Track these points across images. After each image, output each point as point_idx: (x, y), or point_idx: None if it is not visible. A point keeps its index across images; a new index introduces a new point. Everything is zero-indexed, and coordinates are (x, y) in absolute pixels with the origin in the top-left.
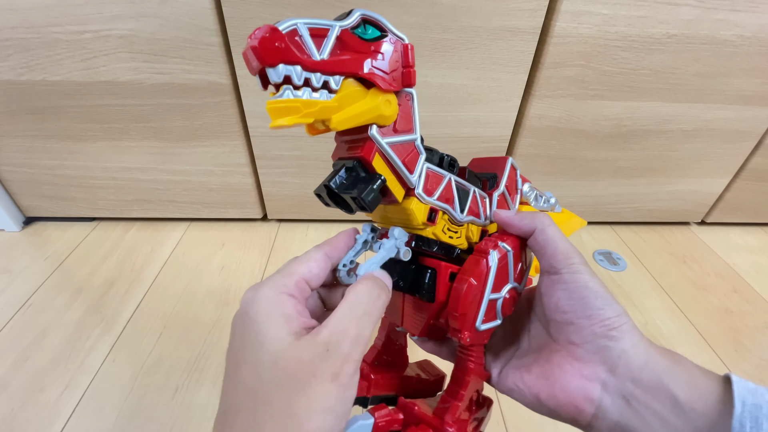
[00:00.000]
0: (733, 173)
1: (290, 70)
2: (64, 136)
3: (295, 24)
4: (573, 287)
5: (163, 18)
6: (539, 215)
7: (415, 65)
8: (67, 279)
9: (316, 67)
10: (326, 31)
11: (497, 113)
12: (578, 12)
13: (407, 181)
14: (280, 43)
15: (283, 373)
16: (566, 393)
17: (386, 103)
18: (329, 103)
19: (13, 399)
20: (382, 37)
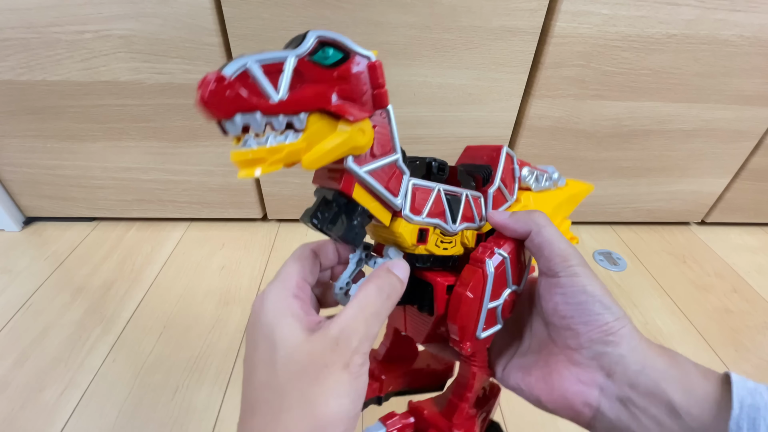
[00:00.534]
0: (733, 173)
1: (248, 118)
2: (64, 136)
3: (244, 65)
4: (570, 291)
5: (163, 18)
6: (534, 215)
7: (386, 83)
8: (67, 279)
9: (276, 109)
10: (281, 66)
11: (497, 113)
12: (578, 12)
13: (392, 205)
14: (231, 91)
15: (297, 366)
16: (565, 398)
17: (359, 132)
18: (297, 145)
19: (13, 399)
20: (345, 60)
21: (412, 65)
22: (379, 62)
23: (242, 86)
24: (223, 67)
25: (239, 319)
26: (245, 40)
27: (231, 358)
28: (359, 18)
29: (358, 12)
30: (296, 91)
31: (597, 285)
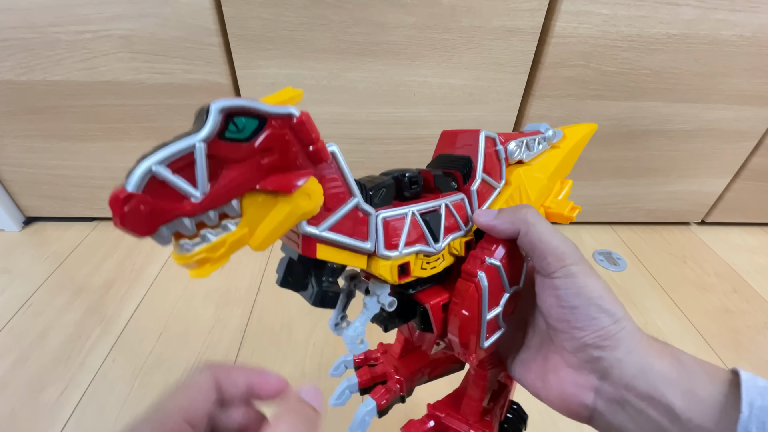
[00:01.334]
0: (733, 173)
1: (175, 226)
2: (64, 136)
3: (149, 171)
4: (565, 294)
5: (163, 18)
6: (522, 212)
7: (320, 135)
8: (67, 279)
9: (201, 207)
10: (190, 157)
11: (497, 113)
12: (578, 12)
13: (363, 251)
14: (144, 206)
15: None
16: (562, 399)
17: (304, 198)
18: (238, 233)
19: (13, 399)
20: (262, 127)
21: (412, 65)
22: (306, 115)
23: (155, 195)
24: (127, 181)
25: (239, 319)
26: (245, 40)
27: (231, 358)
28: (359, 18)
29: (358, 12)
30: (218, 181)
31: (594, 285)
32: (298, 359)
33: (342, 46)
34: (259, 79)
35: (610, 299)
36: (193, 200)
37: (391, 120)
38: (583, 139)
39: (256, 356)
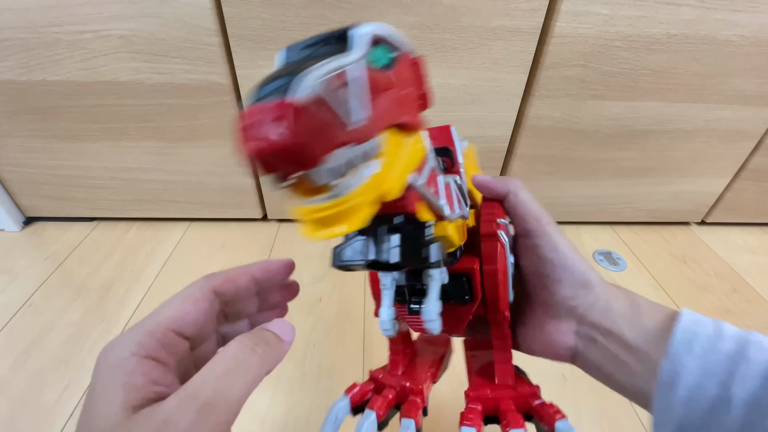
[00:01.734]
0: (733, 173)
1: (339, 156)
2: (64, 136)
3: (323, 78)
4: (542, 252)
5: (163, 18)
6: (511, 180)
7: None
8: (67, 279)
9: (364, 134)
10: (344, 76)
11: (497, 113)
12: (578, 12)
13: (439, 210)
14: (313, 121)
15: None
16: (549, 345)
17: (419, 139)
18: (383, 173)
19: (13, 399)
20: (396, 58)
21: None
22: (421, 56)
23: (317, 112)
24: (284, 89)
25: None
26: (245, 40)
27: None
28: (359, 18)
29: (358, 12)
30: (376, 106)
31: (566, 242)
32: (298, 359)
33: None
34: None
35: (579, 255)
36: (350, 127)
37: None
38: (472, 156)
39: None
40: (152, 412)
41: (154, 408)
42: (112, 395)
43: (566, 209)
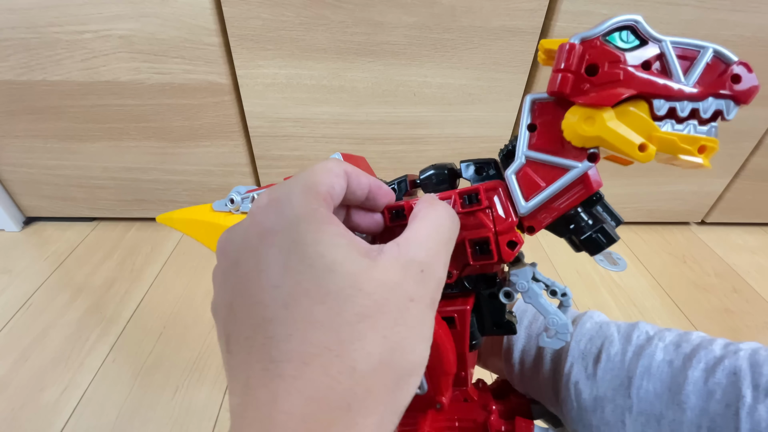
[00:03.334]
0: (733, 173)
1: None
2: (64, 136)
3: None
4: None
5: (163, 18)
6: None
7: None
8: (67, 279)
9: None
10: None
11: (497, 113)
12: (578, 12)
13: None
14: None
15: (371, 301)
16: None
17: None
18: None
19: (13, 399)
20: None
21: (412, 65)
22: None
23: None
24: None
25: None
26: (245, 40)
27: None
28: (359, 18)
29: (358, 12)
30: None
31: None
32: None
33: (342, 46)
34: (259, 79)
35: None
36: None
37: (391, 120)
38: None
39: None
40: (402, 259)
41: (400, 255)
42: (338, 242)
43: None
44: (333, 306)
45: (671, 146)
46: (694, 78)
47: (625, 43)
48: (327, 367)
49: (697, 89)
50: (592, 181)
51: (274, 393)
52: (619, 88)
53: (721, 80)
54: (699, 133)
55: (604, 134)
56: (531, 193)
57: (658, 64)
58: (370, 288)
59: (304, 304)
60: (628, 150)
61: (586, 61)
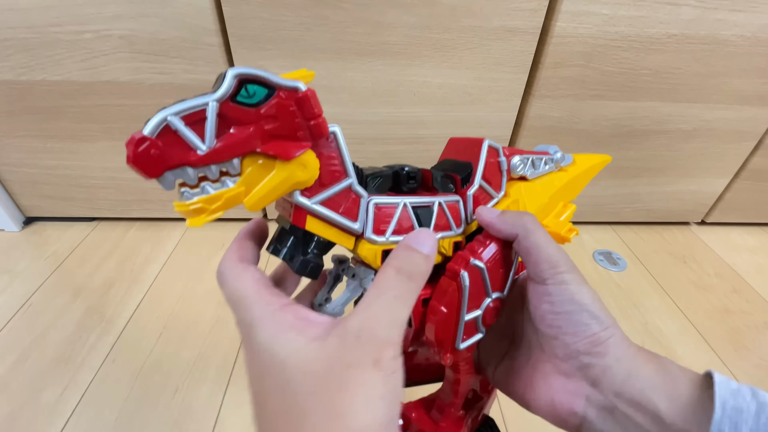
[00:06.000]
0: (733, 173)
1: (179, 174)
2: (64, 136)
3: (164, 120)
4: (558, 300)
5: (163, 18)
6: (523, 218)
7: (322, 112)
8: (67, 279)
9: (206, 160)
10: (203, 113)
11: (497, 113)
12: (578, 12)
13: (351, 231)
14: (155, 150)
15: (314, 378)
16: (552, 406)
17: (299, 167)
18: (234, 190)
19: (13, 399)
20: (270, 96)
21: (412, 65)
22: (311, 91)
23: (166, 142)
24: (145, 126)
25: None
26: (245, 40)
27: (231, 358)
28: (359, 18)
29: (358, 12)
30: (224, 138)
31: (586, 293)
32: None
33: (342, 46)
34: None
35: (600, 307)
36: (199, 152)
37: (391, 120)
38: (594, 168)
39: None
40: (340, 332)
41: (340, 328)
42: (288, 336)
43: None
44: (287, 393)
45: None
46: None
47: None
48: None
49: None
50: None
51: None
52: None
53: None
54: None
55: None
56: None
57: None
58: (315, 367)
59: (271, 397)
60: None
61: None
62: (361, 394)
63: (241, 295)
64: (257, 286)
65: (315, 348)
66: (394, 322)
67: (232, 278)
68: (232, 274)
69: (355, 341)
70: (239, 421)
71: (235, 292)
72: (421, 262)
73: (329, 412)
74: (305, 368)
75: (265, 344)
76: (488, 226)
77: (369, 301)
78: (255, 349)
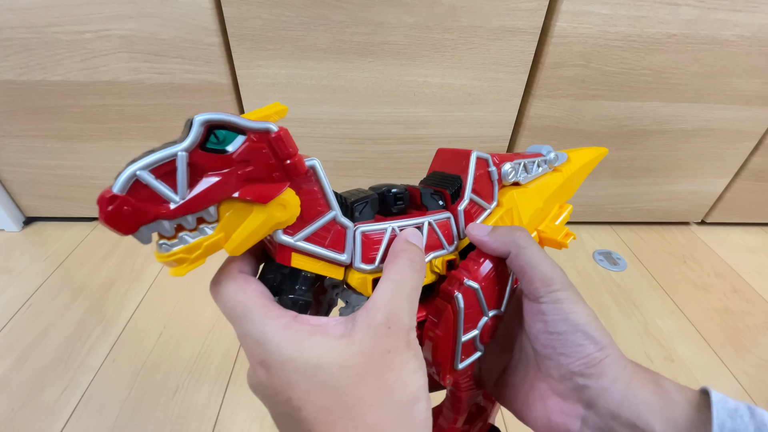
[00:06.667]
0: (733, 173)
1: (154, 227)
2: (64, 136)
3: (133, 175)
4: (552, 320)
5: (163, 18)
6: (515, 234)
7: (297, 150)
8: (67, 279)
9: (180, 211)
10: (173, 164)
11: (497, 113)
12: (578, 12)
13: (339, 263)
14: (127, 207)
15: (357, 370)
16: (548, 426)
17: (279, 208)
18: (214, 236)
19: (13, 399)
20: (241, 140)
21: (412, 65)
22: (284, 130)
23: (138, 197)
24: (114, 183)
25: None
26: (245, 40)
27: (231, 358)
28: (359, 18)
29: (358, 12)
30: (197, 187)
31: (581, 312)
32: None
33: (342, 46)
34: (259, 79)
35: (596, 327)
36: (173, 205)
37: (391, 120)
38: (591, 163)
39: None
40: (370, 324)
41: (368, 322)
42: (317, 342)
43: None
44: (331, 390)
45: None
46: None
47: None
48: (347, 428)
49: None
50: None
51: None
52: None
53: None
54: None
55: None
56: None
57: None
58: (353, 361)
59: (310, 401)
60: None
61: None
62: (404, 371)
63: (245, 310)
64: (263, 300)
65: (346, 344)
66: (413, 310)
67: (234, 291)
68: (232, 286)
69: (388, 331)
70: (239, 421)
71: (237, 306)
72: (421, 255)
73: (380, 391)
74: (344, 363)
75: (289, 355)
76: (480, 245)
77: (390, 295)
78: (277, 362)
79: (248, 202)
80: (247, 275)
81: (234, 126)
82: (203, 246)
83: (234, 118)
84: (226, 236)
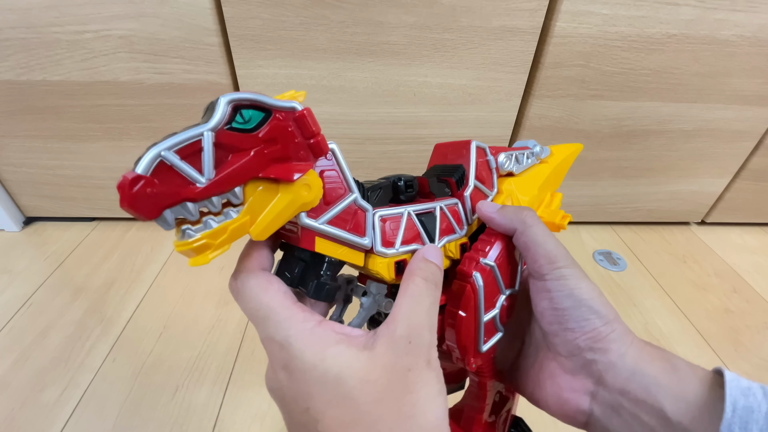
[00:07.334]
0: (733, 173)
1: (178, 211)
2: (64, 136)
3: (158, 155)
4: (557, 296)
5: (163, 18)
6: (522, 213)
7: (320, 129)
8: (67, 279)
9: (206, 193)
10: (198, 144)
11: (497, 113)
12: (578, 12)
13: (361, 246)
14: (151, 188)
15: (378, 386)
16: (559, 404)
17: (304, 189)
18: (239, 220)
19: (13, 399)
20: (267, 119)
21: (412, 65)
22: (307, 110)
23: (162, 179)
24: (137, 164)
25: (239, 319)
26: (245, 40)
27: (231, 358)
28: (359, 18)
29: (358, 12)
30: (223, 168)
31: (585, 287)
32: None
33: (342, 46)
34: (259, 79)
35: (601, 302)
36: (199, 185)
37: (391, 120)
38: (569, 157)
39: (256, 356)
40: (391, 339)
41: (389, 337)
42: (340, 350)
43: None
44: (351, 406)
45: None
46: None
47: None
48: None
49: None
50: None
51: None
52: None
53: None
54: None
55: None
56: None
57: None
58: (374, 376)
59: (329, 413)
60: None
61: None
62: (423, 394)
63: (269, 311)
64: (287, 302)
65: (367, 357)
66: (433, 326)
67: (256, 291)
68: (255, 285)
69: (409, 346)
70: (239, 421)
71: (261, 307)
72: (438, 272)
73: (399, 414)
74: (365, 377)
75: (312, 361)
76: (488, 221)
77: (409, 309)
78: (299, 368)
79: (273, 184)
80: (268, 273)
81: (260, 105)
82: (229, 230)
83: (260, 97)
84: (252, 219)
